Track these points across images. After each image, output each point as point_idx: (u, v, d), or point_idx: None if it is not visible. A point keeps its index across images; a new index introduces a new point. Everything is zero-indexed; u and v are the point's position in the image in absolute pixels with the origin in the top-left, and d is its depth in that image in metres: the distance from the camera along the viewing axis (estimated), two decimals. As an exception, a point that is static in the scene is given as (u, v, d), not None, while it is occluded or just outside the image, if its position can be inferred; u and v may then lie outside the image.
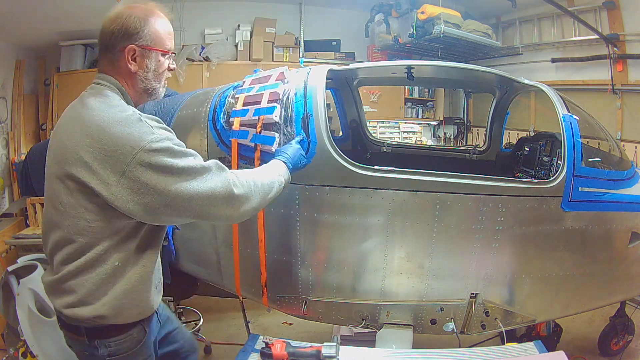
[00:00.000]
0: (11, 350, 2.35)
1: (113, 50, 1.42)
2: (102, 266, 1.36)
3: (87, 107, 1.35)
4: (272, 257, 2.25)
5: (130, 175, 1.26)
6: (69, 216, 1.34)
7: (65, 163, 1.32)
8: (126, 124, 1.29)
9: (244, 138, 2.11)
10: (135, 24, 1.40)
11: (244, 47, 5.99)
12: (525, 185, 2.27)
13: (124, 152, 1.26)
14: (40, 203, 3.43)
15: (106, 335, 1.43)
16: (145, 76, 1.47)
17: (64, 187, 1.33)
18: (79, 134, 1.30)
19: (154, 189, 1.27)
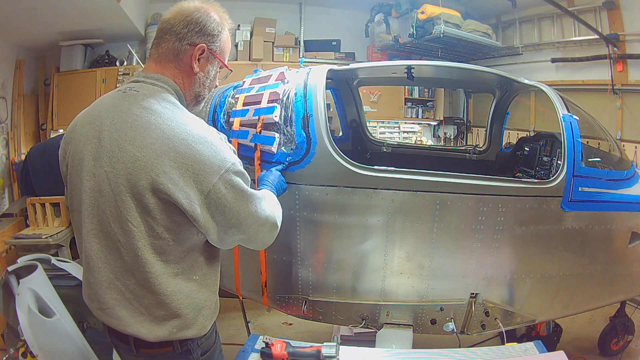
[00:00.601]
0: (11, 350, 2.35)
1: (182, 41, 1.33)
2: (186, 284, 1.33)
3: (159, 115, 1.23)
4: (272, 257, 2.25)
5: (214, 196, 1.23)
6: (139, 237, 1.23)
7: (141, 178, 1.19)
8: (213, 143, 1.25)
9: (244, 138, 2.11)
10: (214, 26, 1.37)
11: (244, 47, 6.00)
12: (525, 185, 2.27)
13: (212, 171, 1.22)
14: (40, 203, 3.44)
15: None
16: (203, 81, 1.41)
17: (138, 204, 1.21)
18: (160, 146, 1.19)
19: (231, 210, 1.27)
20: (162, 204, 1.21)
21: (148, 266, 1.25)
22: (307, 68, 2.40)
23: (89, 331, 2.54)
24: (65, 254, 3.25)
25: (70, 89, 5.46)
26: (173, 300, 1.30)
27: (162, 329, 1.31)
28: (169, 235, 1.25)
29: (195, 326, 1.36)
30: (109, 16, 4.74)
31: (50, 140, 4.40)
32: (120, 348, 1.43)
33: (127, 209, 1.21)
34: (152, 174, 1.18)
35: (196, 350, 1.39)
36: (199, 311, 1.37)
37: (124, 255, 1.26)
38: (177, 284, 1.30)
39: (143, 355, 1.37)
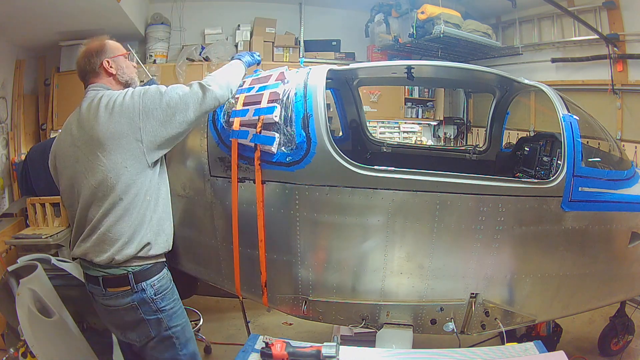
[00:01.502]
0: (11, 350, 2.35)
1: (94, 68, 1.97)
2: (138, 206, 1.79)
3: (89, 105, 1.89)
4: (272, 257, 2.25)
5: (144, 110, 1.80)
6: (109, 171, 1.74)
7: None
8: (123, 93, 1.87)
9: (244, 138, 2.11)
10: (97, 48, 2.01)
11: (244, 47, 5.99)
12: (525, 185, 2.27)
13: (134, 105, 1.83)
14: (40, 203, 3.43)
15: (149, 276, 1.80)
16: (122, 73, 1.99)
17: (102, 153, 1.73)
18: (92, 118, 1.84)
19: (158, 105, 1.81)
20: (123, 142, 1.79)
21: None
22: (307, 68, 2.40)
23: (89, 331, 2.54)
24: (65, 254, 3.24)
25: (70, 89, 5.44)
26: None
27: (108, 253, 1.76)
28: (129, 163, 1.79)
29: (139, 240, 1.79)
30: (109, 16, 4.74)
31: (50, 140, 4.38)
32: (95, 293, 1.83)
33: (92, 162, 1.76)
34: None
35: (149, 289, 1.79)
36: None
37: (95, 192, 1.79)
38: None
39: (109, 295, 1.78)
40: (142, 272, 1.79)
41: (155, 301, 1.80)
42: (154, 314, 1.80)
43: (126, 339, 1.88)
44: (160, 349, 1.85)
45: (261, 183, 2.12)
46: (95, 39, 1.97)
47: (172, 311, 1.86)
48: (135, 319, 1.79)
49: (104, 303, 1.81)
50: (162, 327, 1.83)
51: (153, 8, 5.87)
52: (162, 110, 1.77)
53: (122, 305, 1.78)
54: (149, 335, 1.82)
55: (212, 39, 6.01)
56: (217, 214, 2.27)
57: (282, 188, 2.13)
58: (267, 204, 2.15)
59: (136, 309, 1.78)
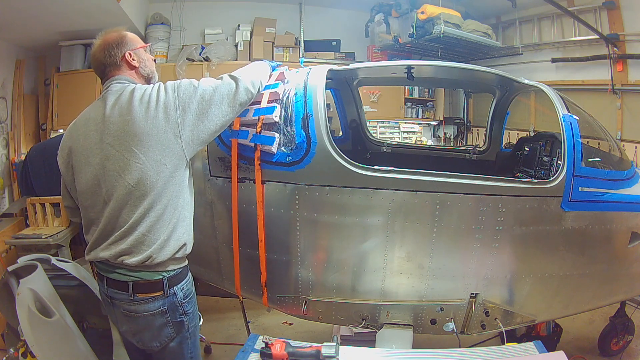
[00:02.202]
0: (11, 350, 2.35)
1: (116, 61, 1.81)
2: (175, 205, 1.75)
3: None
4: (272, 257, 2.25)
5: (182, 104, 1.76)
6: (148, 169, 1.67)
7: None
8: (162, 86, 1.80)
9: (244, 138, 2.11)
10: (117, 40, 1.83)
11: (244, 47, 5.99)
12: (525, 185, 2.27)
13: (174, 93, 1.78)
14: (40, 203, 3.43)
15: (180, 280, 1.78)
16: (144, 65, 1.89)
17: (140, 150, 1.66)
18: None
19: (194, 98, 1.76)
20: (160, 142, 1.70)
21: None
22: (307, 68, 2.40)
23: (89, 331, 2.54)
24: (65, 254, 3.24)
25: (70, 89, 5.45)
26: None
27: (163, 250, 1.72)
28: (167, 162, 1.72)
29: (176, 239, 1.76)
30: (109, 16, 4.73)
31: (50, 140, 4.39)
32: (117, 298, 1.74)
33: (127, 161, 1.66)
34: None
35: (179, 293, 1.77)
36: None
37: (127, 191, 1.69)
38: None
39: (137, 300, 1.71)
40: (175, 277, 1.76)
41: (183, 305, 1.78)
42: (180, 316, 1.78)
43: (143, 346, 1.81)
44: (174, 351, 1.82)
45: (261, 183, 2.12)
46: (112, 30, 1.84)
47: (193, 313, 1.86)
48: (161, 323, 1.75)
49: (128, 309, 1.73)
50: (183, 329, 1.81)
51: (153, 8, 5.87)
52: (197, 103, 1.73)
53: (151, 311, 1.72)
54: (170, 338, 1.78)
55: (212, 39, 6.01)
56: (217, 214, 2.27)
57: (282, 188, 2.13)
58: (267, 204, 2.15)
59: (164, 314, 1.74)
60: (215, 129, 1.79)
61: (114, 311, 1.80)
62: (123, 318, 1.77)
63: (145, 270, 1.71)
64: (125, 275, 1.71)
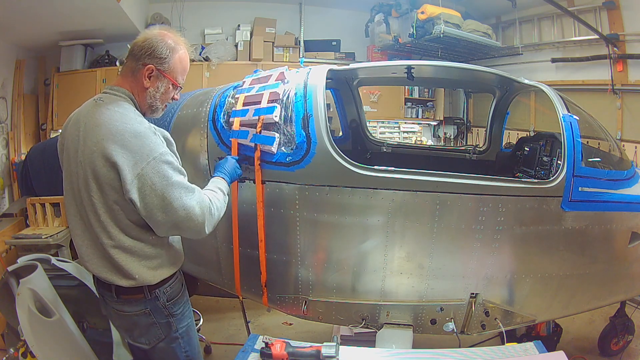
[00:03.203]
0: (11, 350, 2.35)
1: (137, 62, 1.65)
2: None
3: (110, 118, 1.58)
4: (272, 257, 2.25)
5: (142, 179, 1.53)
6: (99, 208, 1.59)
7: (97, 161, 1.55)
8: (146, 136, 1.57)
9: (244, 138, 2.11)
10: (163, 50, 1.65)
11: (244, 47, 5.99)
12: (525, 185, 2.27)
13: (141, 159, 1.53)
14: (40, 203, 3.43)
15: (163, 283, 1.74)
16: (153, 94, 1.70)
17: (97, 184, 1.56)
18: (108, 138, 1.54)
19: (156, 193, 1.55)
20: (112, 182, 1.54)
21: (107, 233, 1.61)
22: (307, 68, 2.40)
23: (89, 331, 2.54)
24: (65, 254, 3.25)
25: (70, 89, 5.45)
26: (126, 263, 1.64)
27: (124, 280, 1.66)
28: (118, 207, 1.59)
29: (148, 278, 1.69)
30: (109, 16, 4.74)
31: (50, 140, 4.39)
32: (106, 296, 1.77)
33: (91, 188, 1.57)
34: (104, 153, 1.53)
35: (162, 296, 1.74)
36: (151, 269, 1.70)
37: (92, 221, 1.61)
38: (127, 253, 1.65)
39: (121, 300, 1.72)
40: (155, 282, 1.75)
41: (167, 307, 1.77)
42: (166, 318, 1.78)
43: (135, 342, 1.85)
44: (166, 350, 1.84)
45: (261, 183, 2.12)
46: (175, 34, 1.69)
47: (182, 314, 1.85)
48: (147, 323, 1.77)
49: (115, 307, 1.77)
50: (172, 330, 1.82)
51: (153, 8, 5.87)
52: (155, 195, 1.54)
53: (134, 311, 1.75)
54: (159, 338, 1.80)
55: (212, 39, 6.01)
56: (217, 214, 2.27)
57: (282, 188, 2.13)
58: (267, 204, 2.15)
59: (148, 315, 1.75)
60: (147, 217, 1.61)
61: (106, 307, 1.85)
62: (114, 315, 1.83)
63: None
64: (106, 278, 1.69)
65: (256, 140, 2.08)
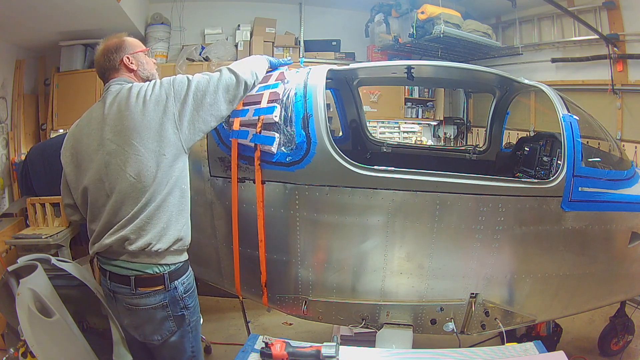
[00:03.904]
0: (11, 350, 2.34)
1: (115, 64, 1.90)
2: (174, 195, 1.79)
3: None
4: (272, 257, 2.25)
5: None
6: (147, 160, 1.72)
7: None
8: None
9: (244, 138, 2.11)
10: (118, 44, 1.92)
11: (244, 47, 5.99)
12: (525, 185, 2.27)
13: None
14: (40, 203, 3.43)
15: (180, 274, 1.83)
16: (143, 68, 1.98)
17: (139, 142, 1.71)
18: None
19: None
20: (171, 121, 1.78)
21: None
22: (307, 68, 2.40)
23: (89, 331, 2.53)
24: (65, 254, 3.24)
25: (70, 89, 5.45)
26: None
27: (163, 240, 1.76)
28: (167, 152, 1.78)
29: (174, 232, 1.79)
30: (109, 16, 4.74)
31: (50, 140, 4.39)
32: (119, 292, 1.79)
33: (126, 156, 1.72)
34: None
35: (180, 287, 1.81)
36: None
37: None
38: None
39: (139, 294, 1.76)
40: (176, 271, 1.81)
41: (184, 299, 1.83)
42: (181, 310, 1.83)
43: (145, 339, 1.86)
44: (176, 344, 1.86)
45: (261, 183, 2.12)
46: (113, 36, 1.95)
47: (194, 307, 1.91)
48: (162, 317, 1.80)
49: (130, 302, 1.79)
50: (185, 323, 1.86)
51: (153, 8, 5.87)
52: (192, 93, 1.80)
53: (152, 304, 1.78)
54: (172, 332, 1.83)
55: (212, 39, 6.01)
56: (217, 214, 2.28)
57: (282, 188, 2.13)
58: (267, 204, 2.15)
59: (165, 307, 1.79)
60: (211, 120, 1.85)
61: (116, 305, 1.85)
62: (125, 312, 1.83)
63: (146, 259, 1.75)
64: (127, 269, 1.76)
65: (256, 140, 2.08)
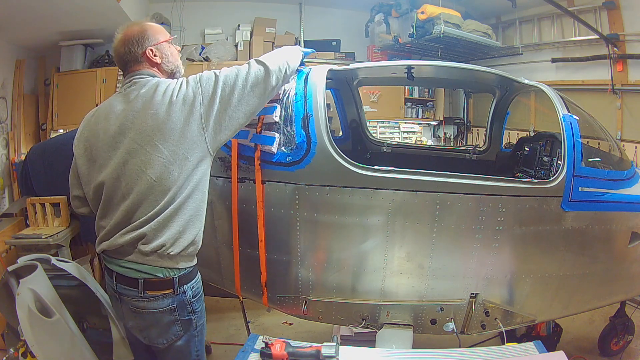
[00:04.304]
0: (11, 350, 2.34)
1: (138, 56, 1.78)
2: (194, 199, 1.73)
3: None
4: (272, 257, 2.25)
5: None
6: (170, 163, 1.65)
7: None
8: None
9: (244, 138, 2.11)
10: (142, 33, 1.79)
11: (244, 47, 6.00)
12: (525, 185, 2.27)
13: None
14: (40, 203, 3.43)
15: (190, 279, 1.78)
16: (167, 61, 1.84)
17: (163, 144, 1.64)
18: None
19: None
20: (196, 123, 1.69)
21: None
22: (307, 68, 2.40)
23: (89, 331, 2.54)
24: (65, 254, 3.24)
25: (70, 89, 5.45)
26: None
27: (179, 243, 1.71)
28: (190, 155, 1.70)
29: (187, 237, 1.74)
30: (109, 16, 4.74)
31: (50, 140, 4.39)
32: (125, 295, 1.72)
33: (151, 155, 1.64)
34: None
35: (189, 291, 1.77)
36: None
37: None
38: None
39: (147, 297, 1.69)
40: (186, 275, 1.76)
41: (192, 303, 1.79)
42: (188, 315, 1.78)
43: (150, 342, 1.80)
44: (181, 348, 1.82)
45: (261, 183, 2.12)
46: (134, 23, 1.80)
47: (201, 312, 1.87)
48: (169, 321, 1.75)
49: (136, 305, 1.72)
50: (191, 327, 1.81)
51: (153, 8, 5.88)
52: (220, 90, 1.69)
53: (160, 308, 1.71)
54: (177, 336, 1.78)
55: (212, 39, 6.01)
56: (217, 214, 2.27)
57: (282, 188, 2.13)
58: (267, 204, 2.15)
59: (173, 311, 1.73)
60: (241, 116, 1.75)
61: (121, 307, 1.78)
62: (131, 314, 1.76)
63: (157, 261, 1.68)
64: (136, 271, 1.68)
65: (256, 140, 2.08)
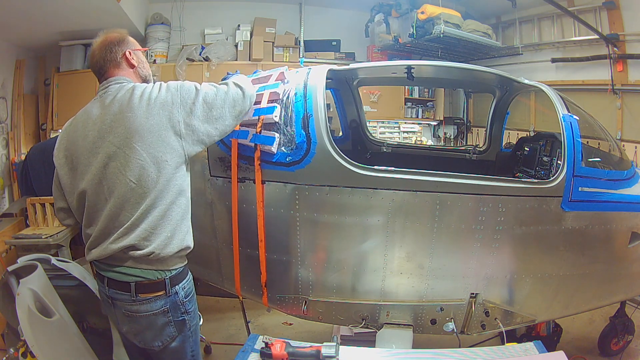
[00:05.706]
0: (11, 350, 2.34)
1: (116, 56, 1.81)
2: (178, 203, 1.74)
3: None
4: (272, 257, 2.25)
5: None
6: (149, 165, 1.66)
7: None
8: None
9: (243, 138, 2.11)
10: (120, 38, 1.85)
11: (244, 47, 5.99)
12: (525, 185, 2.27)
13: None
14: (40, 203, 3.44)
15: (181, 279, 1.79)
16: (142, 67, 1.90)
17: (141, 146, 1.65)
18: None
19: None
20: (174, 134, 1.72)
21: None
22: (307, 68, 2.40)
23: (89, 331, 2.54)
24: (65, 254, 3.25)
25: (70, 89, 5.45)
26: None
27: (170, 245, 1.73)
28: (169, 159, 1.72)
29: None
30: (109, 16, 4.74)
31: (49, 140, 4.40)
32: (118, 299, 1.73)
33: (130, 161, 1.65)
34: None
35: (181, 292, 1.78)
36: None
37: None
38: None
39: (139, 300, 1.70)
40: (177, 276, 1.77)
41: (184, 304, 1.79)
42: (182, 315, 1.79)
43: (145, 345, 1.80)
44: (176, 350, 1.82)
45: (261, 183, 2.12)
46: (113, 30, 1.86)
47: (194, 312, 1.88)
48: (163, 323, 1.75)
49: (130, 309, 1.72)
50: (185, 328, 1.82)
51: (153, 8, 5.88)
52: (200, 104, 1.73)
53: (153, 311, 1.72)
54: (172, 338, 1.79)
55: (212, 39, 6.01)
56: (217, 214, 2.28)
57: (282, 188, 2.13)
58: (267, 204, 2.15)
59: (166, 313, 1.74)
60: (216, 133, 1.80)
61: (114, 311, 1.79)
62: (124, 319, 1.76)
63: (148, 265, 1.70)
64: (127, 275, 1.69)
65: (256, 140, 2.08)
